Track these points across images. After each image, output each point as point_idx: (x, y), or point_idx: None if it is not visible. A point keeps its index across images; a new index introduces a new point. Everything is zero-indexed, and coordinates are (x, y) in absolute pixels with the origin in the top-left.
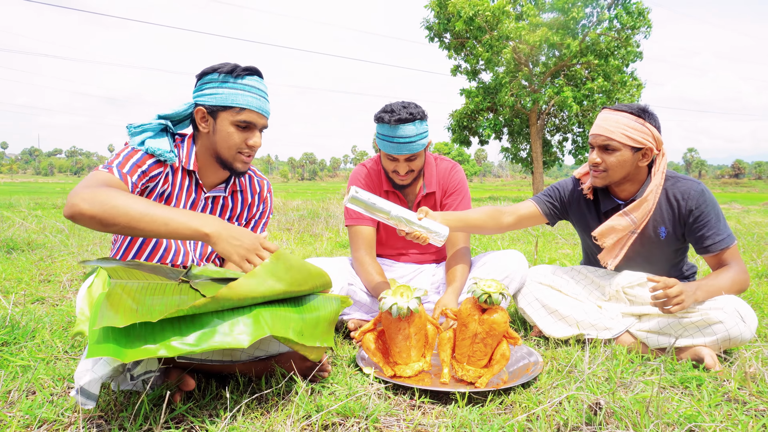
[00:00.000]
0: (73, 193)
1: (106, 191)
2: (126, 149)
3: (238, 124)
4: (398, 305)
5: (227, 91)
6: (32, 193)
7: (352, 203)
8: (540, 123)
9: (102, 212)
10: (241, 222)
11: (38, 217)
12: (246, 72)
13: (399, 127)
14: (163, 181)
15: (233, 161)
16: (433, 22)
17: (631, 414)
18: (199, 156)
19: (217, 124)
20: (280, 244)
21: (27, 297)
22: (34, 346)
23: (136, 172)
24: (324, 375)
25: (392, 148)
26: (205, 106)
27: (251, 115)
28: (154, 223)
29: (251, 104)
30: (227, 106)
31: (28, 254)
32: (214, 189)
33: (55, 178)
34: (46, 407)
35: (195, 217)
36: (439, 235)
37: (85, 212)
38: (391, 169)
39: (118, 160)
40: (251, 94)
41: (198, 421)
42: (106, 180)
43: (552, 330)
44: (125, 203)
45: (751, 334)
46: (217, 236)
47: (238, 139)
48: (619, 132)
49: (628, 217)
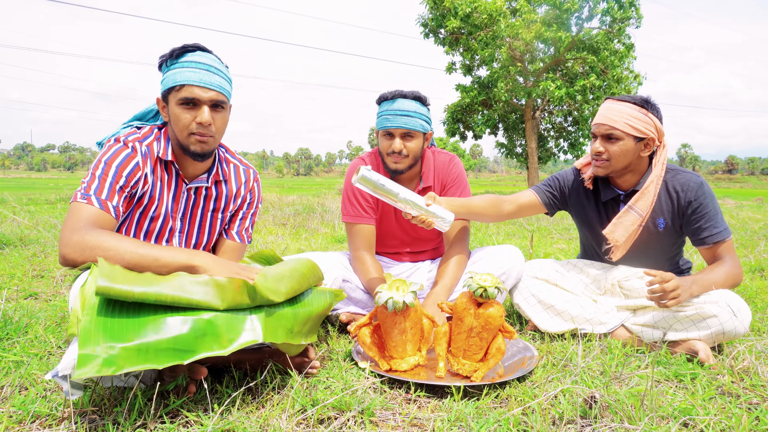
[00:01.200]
0: (62, 242)
1: (95, 236)
2: (100, 165)
3: (181, 103)
4: (394, 299)
5: (170, 73)
6: (25, 188)
7: (360, 182)
8: (535, 119)
9: (93, 258)
10: (227, 215)
11: (31, 212)
12: (183, 50)
13: (397, 100)
14: (144, 182)
15: (188, 143)
16: (428, 17)
17: (625, 407)
18: (173, 147)
19: (169, 109)
20: (275, 239)
21: (20, 292)
22: (27, 342)
23: (114, 192)
24: (313, 372)
25: (388, 121)
26: (160, 95)
27: (192, 90)
28: (144, 261)
29: (189, 79)
30: (170, 88)
31: (21, 250)
32: (196, 180)
33: (49, 174)
34: (39, 402)
35: (183, 252)
36: (445, 220)
37: (78, 260)
38: (387, 149)
39: (95, 184)
40: (189, 69)
41: (192, 415)
42: (89, 218)
43: (548, 325)
44: (114, 245)
45: (745, 328)
46: (206, 266)
47: (186, 118)
48: (623, 121)
49: (633, 210)
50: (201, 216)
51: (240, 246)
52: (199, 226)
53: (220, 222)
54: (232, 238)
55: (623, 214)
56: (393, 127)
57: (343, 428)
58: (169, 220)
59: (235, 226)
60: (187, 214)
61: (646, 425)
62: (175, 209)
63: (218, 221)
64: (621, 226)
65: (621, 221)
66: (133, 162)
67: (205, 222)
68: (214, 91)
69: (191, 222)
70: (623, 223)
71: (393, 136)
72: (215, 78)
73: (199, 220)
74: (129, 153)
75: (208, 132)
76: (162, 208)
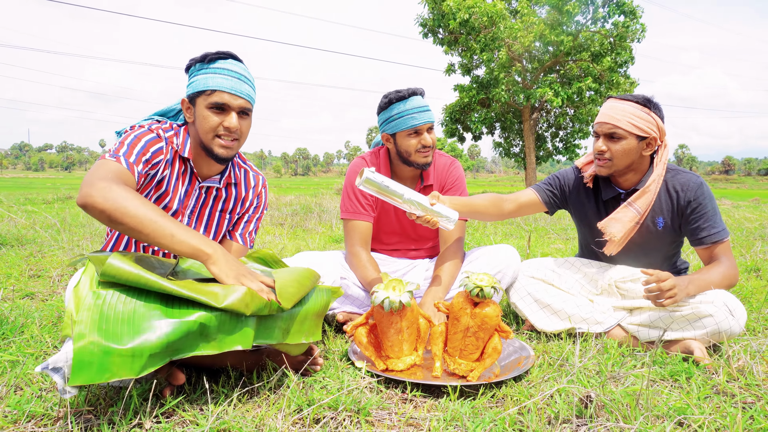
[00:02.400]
0: (87, 183)
1: (120, 190)
2: (129, 136)
3: (211, 107)
4: (390, 299)
5: (201, 77)
6: (22, 188)
7: (365, 185)
8: (533, 119)
9: (113, 210)
10: (234, 216)
11: (28, 212)
12: (217, 56)
13: (413, 97)
14: (163, 168)
15: (212, 145)
16: (428, 17)
17: (621, 407)
18: (192, 146)
19: (195, 110)
20: (273, 238)
21: (16, 292)
22: (23, 342)
23: (140, 161)
24: (316, 369)
25: (414, 119)
26: (187, 97)
27: (222, 96)
28: (160, 232)
29: (222, 85)
30: (201, 91)
31: (18, 250)
32: (209, 180)
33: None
34: (34, 402)
35: (199, 237)
36: (449, 219)
37: (97, 205)
38: (415, 146)
39: (123, 149)
40: (222, 75)
41: (188, 415)
42: (117, 172)
43: (544, 324)
44: (136, 206)
45: (740, 327)
46: (217, 257)
47: (213, 122)
48: (626, 120)
49: (632, 207)
50: (209, 215)
51: (242, 248)
52: (206, 224)
53: (227, 223)
54: (236, 239)
55: (622, 209)
56: (421, 123)
57: (338, 428)
58: (179, 215)
59: (240, 229)
60: (196, 212)
61: (642, 424)
62: (185, 205)
63: (225, 222)
64: (619, 222)
65: (619, 217)
66: (158, 144)
67: (213, 221)
68: (243, 99)
69: (199, 219)
70: (621, 219)
71: (420, 132)
72: (245, 87)
73: (206, 218)
74: (155, 137)
75: (234, 136)
76: (174, 202)
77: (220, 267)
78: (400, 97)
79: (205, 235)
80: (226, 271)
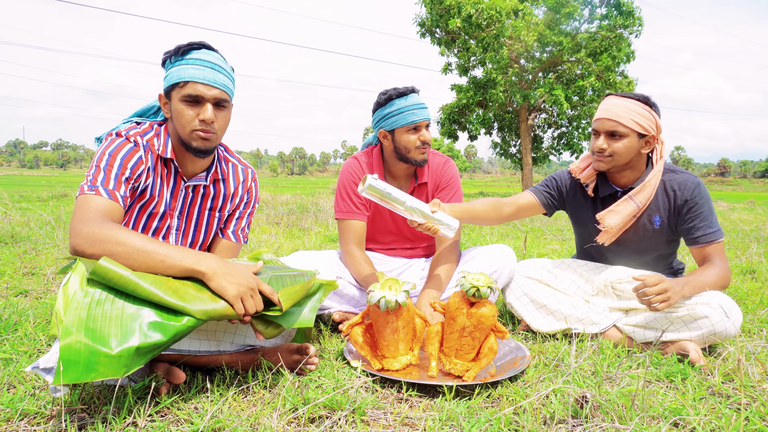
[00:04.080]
0: (74, 232)
1: (106, 229)
2: (104, 156)
3: (185, 99)
4: (386, 298)
5: (174, 70)
6: (17, 186)
7: (368, 192)
8: (530, 119)
9: (103, 251)
10: (224, 214)
11: (23, 209)
12: (189, 47)
13: (412, 95)
14: (146, 176)
15: (190, 139)
16: (426, 17)
17: (616, 407)
18: (173, 144)
19: (171, 105)
20: (269, 237)
21: (10, 290)
22: (17, 339)
23: (121, 183)
24: (311, 368)
25: (415, 115)
26: (163, 91)
27: (196, 87)
28: (151, 260)
29: (194, 76)
30: (174, 84)
31: (12, 247)
32: (195, 178)
33: (41, 171)
34: (27, 400)
35: (191, 254)
36: (450, 227)
37: (87, 252)
38: (415, 142)
39: (101, 176)
40: (194, 66)
41: (183, 414)
42: (99, 209)
43: (540, 324)
44: (125, 240)
45: (736, 329)
46: (212, 273)
47: (188, 115)
48: (628, 117)
49: (633, 201)
50: (198, 214)
51: (235, 246)
52: (196, 224)
53: (218, 221)
54: (228, 237)
55: (623, 203)
56: (421, 119)
57: (334, 427)
58: (167, 218)
59: (231, 226)
60: (185, 212)
61: (637, 425)
62: (173, 207)
63: (215, 220)
64: (618, 214)
65: (619, 209)
66: (136, 155)
67: (202, 220)
68: (218, 89)
69: (188, 220)
70: (620, 212)
71: (419, 129)
72: (219, 76)
73: (196, 218)
74: (132, 147)
75: (211, 129)
76: (161, 206)
77: (218, 283)
78: (400, 93)
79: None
80: (225, 286)
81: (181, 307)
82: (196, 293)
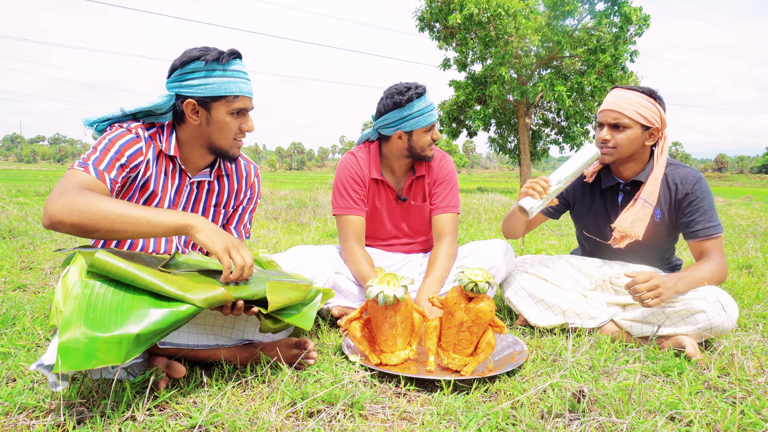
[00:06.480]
0: (49, 202)
1: (83, 196)
2: (105, 139)
3: (234, 112)
4: (385, 293)
5: (218, 80)
6: (14, 180)
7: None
8: (528, 115)
9: (81, 219)
10: (228, 209)
11: (20, 204)
12: (232, 57)
13: (425, 95)
14: (145, 169)
15: (229, 148)
16: (424, 9)
17: (613, 401)
18: (183, 144)
19: (211, 115)
20: (267, 232)
21: (8, 284)
22: (15, 334)
23: (114, 167)
24: (309, 362)
25: (432, 116)
26: (195, 98)
27: (244, 101)
28: (137, 223)
29: (243, 90)
30: (221, 96)
31: (10, 241)
32: (199, 174)
33: (38, 166)
34: (26, 394)
35: (178, 212)
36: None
37: (65, 221)
38: (429, 141)
39: (95, 156)
40: (240, 79)
41: (182, 408)
42: (81, 182)
43: (538, 319)
44: (105, 207)
45: (732, 323)
46: (201, 226)
47: (234, 126)
48: (632, 109)
49: (647, 203)
50: (203, 210)
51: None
52: None
53: (222, 217)
54: (230, 233)
55: (641, 208)
56: (435, 119)
57: (332, 421)
58: None
59: (234, 222)
60: (188, 208)
61: (633, 419)
62: (177, 203)
63: (221, 216)
64: (639, 221)
65: (641, 216)
66: (136, 146)
67: (207, 216)
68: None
69: None
70: (642, 218)
71: (433, 127)
72: (252, 87)
73: (201, 214)
74: (133, 137)
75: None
76: (165, 202)
77: (206, 234)
78: (419, 93)
79: None
80: (212, 238)
81: (181, 296)
82: (195, 284)
